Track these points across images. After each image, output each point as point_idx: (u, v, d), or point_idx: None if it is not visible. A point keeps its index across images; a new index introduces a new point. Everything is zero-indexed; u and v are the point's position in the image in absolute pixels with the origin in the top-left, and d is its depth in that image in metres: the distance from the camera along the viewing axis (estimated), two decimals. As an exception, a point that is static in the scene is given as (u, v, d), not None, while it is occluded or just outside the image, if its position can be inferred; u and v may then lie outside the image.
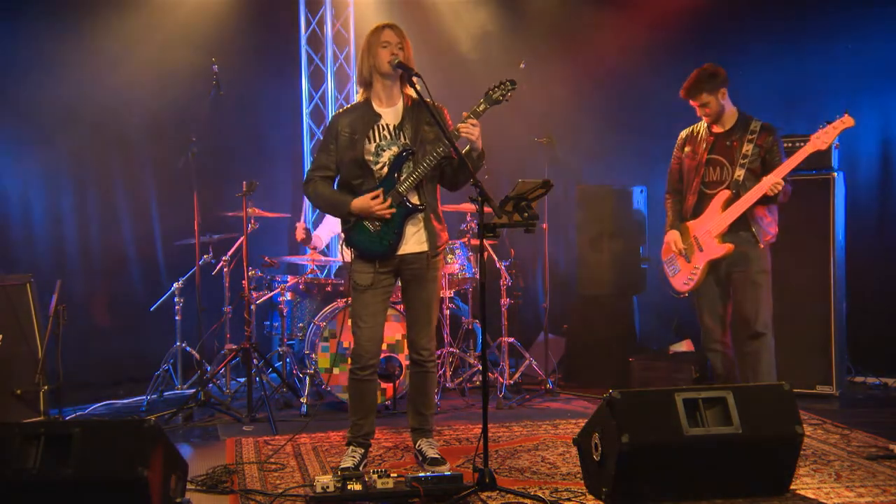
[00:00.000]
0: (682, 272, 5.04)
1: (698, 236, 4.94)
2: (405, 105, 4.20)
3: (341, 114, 4.27)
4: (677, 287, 5.09)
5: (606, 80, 7.12)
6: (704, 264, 4.92)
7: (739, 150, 4.84)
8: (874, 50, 6.51)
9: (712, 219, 4.88)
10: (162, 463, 3.45)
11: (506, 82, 4.07)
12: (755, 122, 4.89)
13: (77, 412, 5.66)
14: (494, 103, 4.07)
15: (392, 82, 4.17)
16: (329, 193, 4.24)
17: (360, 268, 4.20)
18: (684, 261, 5.01)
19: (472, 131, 4.01)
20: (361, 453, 4.24)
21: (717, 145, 4.93)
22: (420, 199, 4.16)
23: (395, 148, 4.14)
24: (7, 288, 5.19)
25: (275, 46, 7.55)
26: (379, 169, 4.14)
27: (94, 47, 6.55)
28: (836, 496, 3.73)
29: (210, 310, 6.24)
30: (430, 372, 4.33)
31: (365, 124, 4.15)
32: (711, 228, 4.87)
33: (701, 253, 4.92)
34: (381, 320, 4.25)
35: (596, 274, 6.54)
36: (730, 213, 4.82)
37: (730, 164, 4.86)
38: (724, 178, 4.88)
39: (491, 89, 4.07)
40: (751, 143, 4.82)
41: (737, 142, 4.86)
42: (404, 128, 4.16)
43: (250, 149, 7.38)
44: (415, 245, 4.18)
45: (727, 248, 4.84)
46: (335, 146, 4.20)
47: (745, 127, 4.88)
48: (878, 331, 6.26)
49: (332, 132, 4.23)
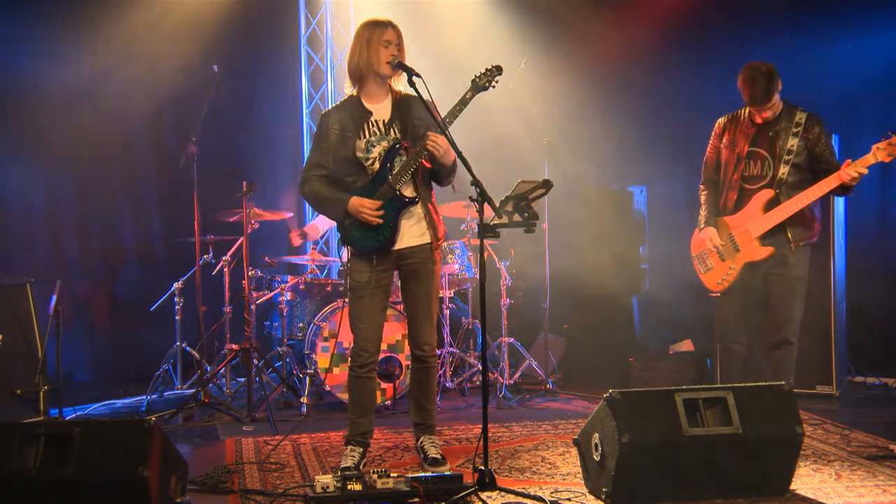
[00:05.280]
0: (715, 270, 4.84)
1: (736, 235, 4.75)
2: (393, 99, 4.20)
3: (331, 111, 4.27)
4: (709, 286, 4.91)
5: (607, 80, 7.12)
6: (742, 265, 4.75)
7: (784, 143, 4.63)
8: (874, 50, 6.51)
9: (752, 218, 4.69)
10: (162, 463, 3.45)
11: (492, 68, 4.06)
12: (800, 112, 4.67)
13: (77, 412, 5.65)
14: (481, 90, 4.06)
15: (384, 80, 4.16)
16: (326, 193, 4.19)
17: (358, 267, 4.19)
18: (718, 259, 4.81)
19: (437, 148, 3.99)
20: (360, 452, 4.23)
21: (760, 137, 4.71)
22: (415, 191, 4.15)
23: (385, 143, 4.13)
24: (7, 288, 5.19)
25: (275, 46, 7.55)
26: (370, 164, 4.13)
27: (94, 47, 6.56)
28: (836, 496, 3.72)
29: (210, 310, 6.24)
30: (432, 367, 4.33)
31: (356, 122, 4.15)
32: (751, 229, 4.68)
33: (738, 253, 4.74)
34: (380, 319, 4.25)
35: (596, 274, 6.53)
36: (778, 214, 4.60)
37: (772, 157, 4.67)
38: (764, 172, 4.69)
39: (477, 76, 4.06)
40: (796, 137, 4.62)
41: (780, 133, 4.65)
42: (394, 122, 4.15)
43: (250, 149, 7.38)
44: (414, 238, 4.17)
45: (768, 250, 4.66)
46: (327, 144, 4.18)
47: (791, 118, 4.66)
48: (878, 331, 6.26)
49: (323, 130, 4.21)
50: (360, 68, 4.13)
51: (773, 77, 4.65)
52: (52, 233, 6.62)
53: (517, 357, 6.31)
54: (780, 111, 4.72)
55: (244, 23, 7.11)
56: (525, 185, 3.80)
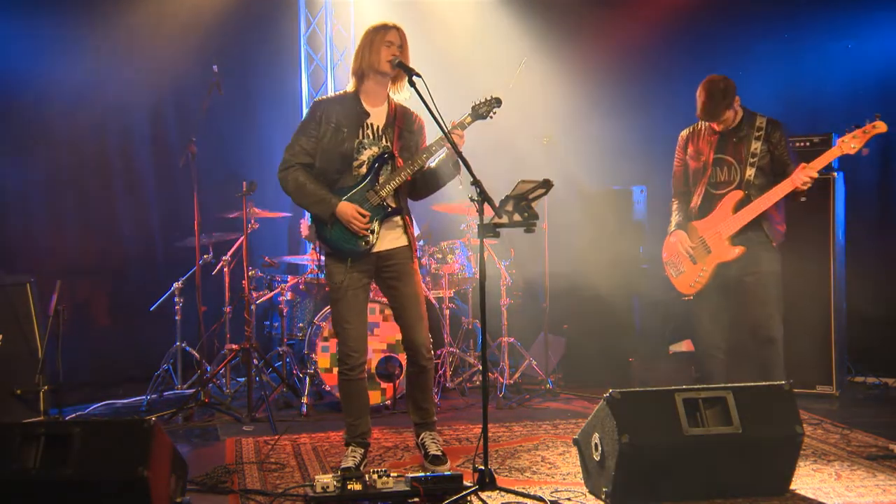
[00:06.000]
0: (687, 273, 4.91)
1: (706, 237, 4.81)
2: (390, 108, 4.21)
3: (326, 101, 4.23)
4: (682, 289, 4.97)
5: (607, 80, 7.12)
6: (713, 267, 4.79)
7: (747, 147, 4.72)
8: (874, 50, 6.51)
9: (723, 220, 4.74)
10: (162, 463, 3.45)
11: (491, 99, 4.12)
12: (760, 117, 4.77)
13: (77, 412, 5.65)
14: (479, 118, 4.12)
15: (384, 81, 4.16)
16: (312, 188, 4.11)
17: (334, 268, 4.17)
18: (690, 262, 4.88)
19: (462, 142, 4.04)
20: (361, 453, 4.23)
21: (724, 144, 4.80)
22: (396, 202, 4.17)
23: (376, 148, 4.14)
24: (7, 288, 5.19)
25: (275, 46, 7.55)
26: (357, 166, 4.13)
27: (94, 47, 6.56)
28: (836, 496, 3.73)
29: (210, 310, 6.24)
30: (429, 370, 4.34)
31: (354, 120, 4.14)
32: (722, 230, 4.73)
33: (709, 255, 4.79)
34: (364, 318, 4.23)
35: (596, 274, 6.53)
36: (746, 213, 4.66)
37: (738, 163, 4.74)
38: (732, 178, 4.76)
39: (477, 104, 4.12)
40: (759, 140, 4.70)
41: (744, 139, 4.74)
42: (387, 131, 4.16)
43: (250, 149, 7.38)
44: (392, 241, 4.18)
45: (740, 250, 4.71)
46: (318, 133, 4.14)
47: (751, 123, 4.76)
48: (878, 331, 6.26)
49: (315, 118, 4.16)
50: (362, 67, 4.14)
51: (728, 94, 4.72)
52: (52, 233, 6.61)
53: (517, 357, 6.31)
54: (741, 118, 4.80)
55: (244, 23, 7.11)
56: (525, 185, 3.80)
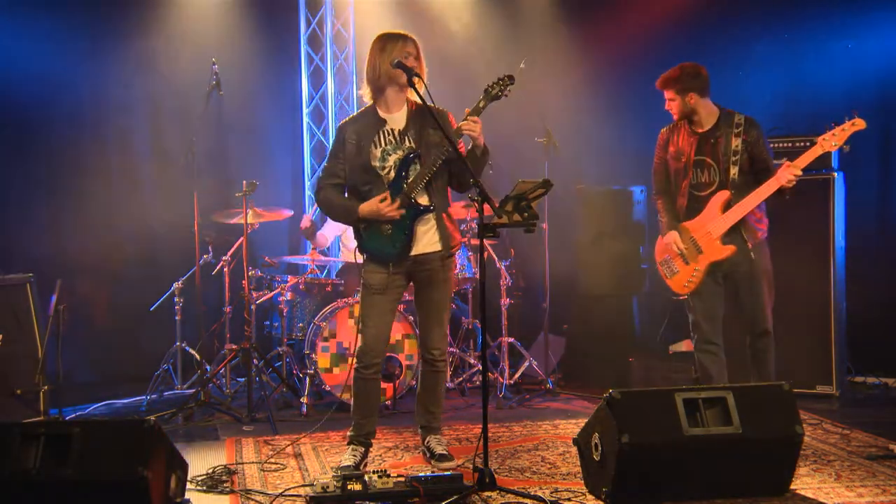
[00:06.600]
0: (681, 274, 4.92)
1: (697, 238, 4.83)
2: (409, 109, 4.25)
3: (348, 122, 4.32)
4: (676, 289, 4.98)
5: (606, 80, 7.11)
6: (706, 266, 4.81)
7: (727, 146, 4.72)
8: (874, 50, 6.50)
9: (712, 220, 4.76)
10: (162, 463, 3.45)
11: (504, 78, 4.14)
12: (738, 115, 4.77)
13: (77, 412, 5.65)
14: (494, 99, 4.14)
15: (402, 89, 4.20)
16: (339, 201, 4.27)
17: (374, 269, 4.23)
18: (682, 262, 4.89)
19: (474, 128, 4.06)
20: (362, 452, 4.25)
21: (702, 145, 4.80)
22: (430, 199, 4.19)
23: (401, 152, 4.18)
24: (7, 288, 5.18)
25: (275, 46, 7.54)
26: (386, 173, 4.18)
27: (94, 47, 6.55)
28: (836, 496, 3.73)
29: (210, 310, 6.23)
30: (441, 371, 4.38)
31: (370, 130, 4.20)
32: (712, 230, 4.75)
33: (701, 255, 4.81)
34: (388, 321, 4.28)
35: (596, 274, 6.53)
36: (735, 212, 4.69)
37: (716, 163, 4.74)
38: (712, 179, 4.77)
39: (490, 86, 4.14)
40: (738, 138, 4.70)
41: (721, 138, 4.74)
42: (409, 132, 4.20)
43: (250, 149, 7.38)
44: (427, 245, 4.20)
45: (730, 249, 4.73)
46: (343, 154, 4.24)
47: (729, 122, 4.75)
48: (878, 331, 6.25)
49: (340, 140, 4.27)
50: (381, 79, 4.17)
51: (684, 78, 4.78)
52: (52, 233, 6.61)
53: (517, 357, 6.31)
54: (717, 118, 4.81)
55: (244, 23, 7.11)
56: (525, 185, 3.80)
